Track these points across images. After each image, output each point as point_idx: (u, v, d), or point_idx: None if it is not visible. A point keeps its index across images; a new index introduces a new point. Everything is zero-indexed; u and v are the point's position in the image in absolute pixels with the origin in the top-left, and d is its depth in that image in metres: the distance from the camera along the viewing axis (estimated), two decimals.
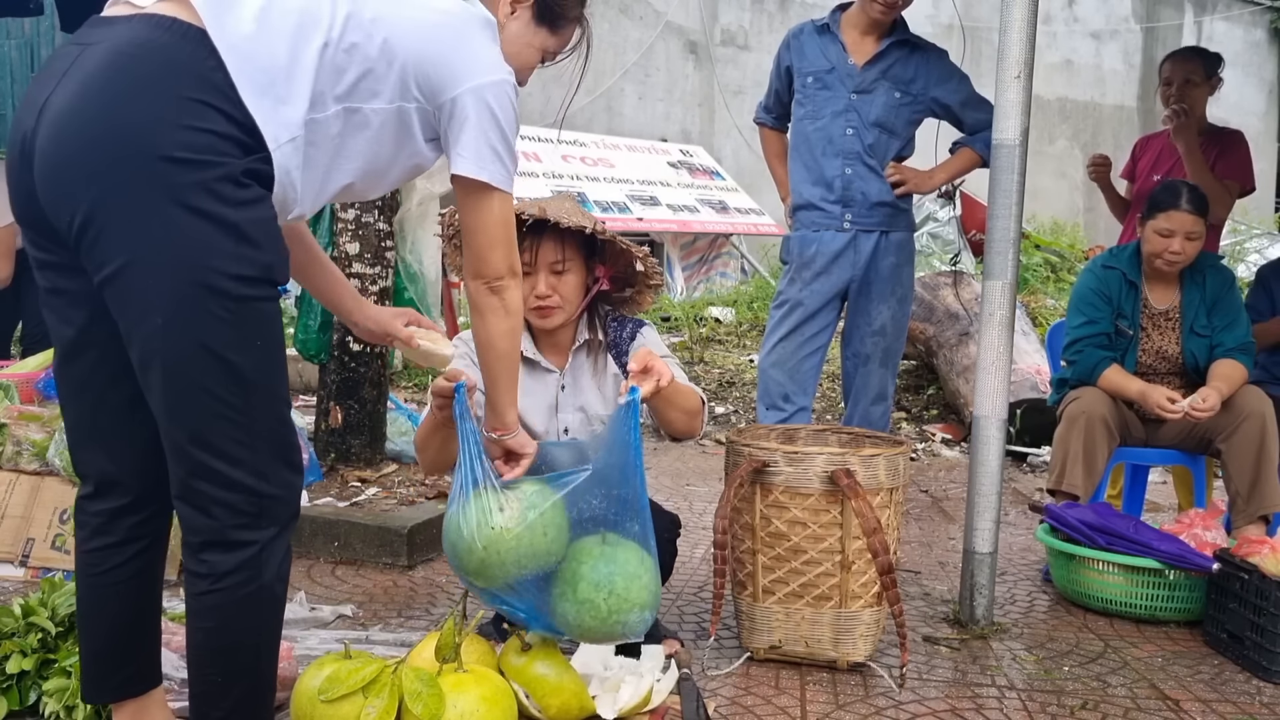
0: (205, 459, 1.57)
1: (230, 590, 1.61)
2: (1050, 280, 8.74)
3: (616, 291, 2.61)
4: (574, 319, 2.51)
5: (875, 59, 3.51)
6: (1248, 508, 3.15)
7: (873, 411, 3.61)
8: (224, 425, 1.57)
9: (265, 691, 1.73)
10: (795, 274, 3.61)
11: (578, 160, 10.48)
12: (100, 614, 1.78)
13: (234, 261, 1.54)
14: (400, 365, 7.09)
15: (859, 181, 3.50)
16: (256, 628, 1.67)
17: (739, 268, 11.68)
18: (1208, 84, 3.90)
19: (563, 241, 2.41)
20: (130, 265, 1.51)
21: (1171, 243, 3.30)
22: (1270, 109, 17.79)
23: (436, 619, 2.86)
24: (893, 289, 3.56)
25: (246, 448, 1.59)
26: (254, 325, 1.59)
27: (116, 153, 1.49)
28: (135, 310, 1.53)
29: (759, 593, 2.56)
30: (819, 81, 3.55)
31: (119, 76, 1.51)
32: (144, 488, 1.75)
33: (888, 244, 3.54)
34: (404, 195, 3.82)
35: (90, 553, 1.76)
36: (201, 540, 1.61)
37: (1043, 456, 5.15)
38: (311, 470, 3.70)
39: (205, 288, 1.52)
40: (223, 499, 1.59)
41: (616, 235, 2.47)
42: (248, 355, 1.58)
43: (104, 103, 1.51)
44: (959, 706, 2.40)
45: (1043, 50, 4.35)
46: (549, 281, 2.41)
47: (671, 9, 12.56)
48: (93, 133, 1.50)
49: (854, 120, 3.50)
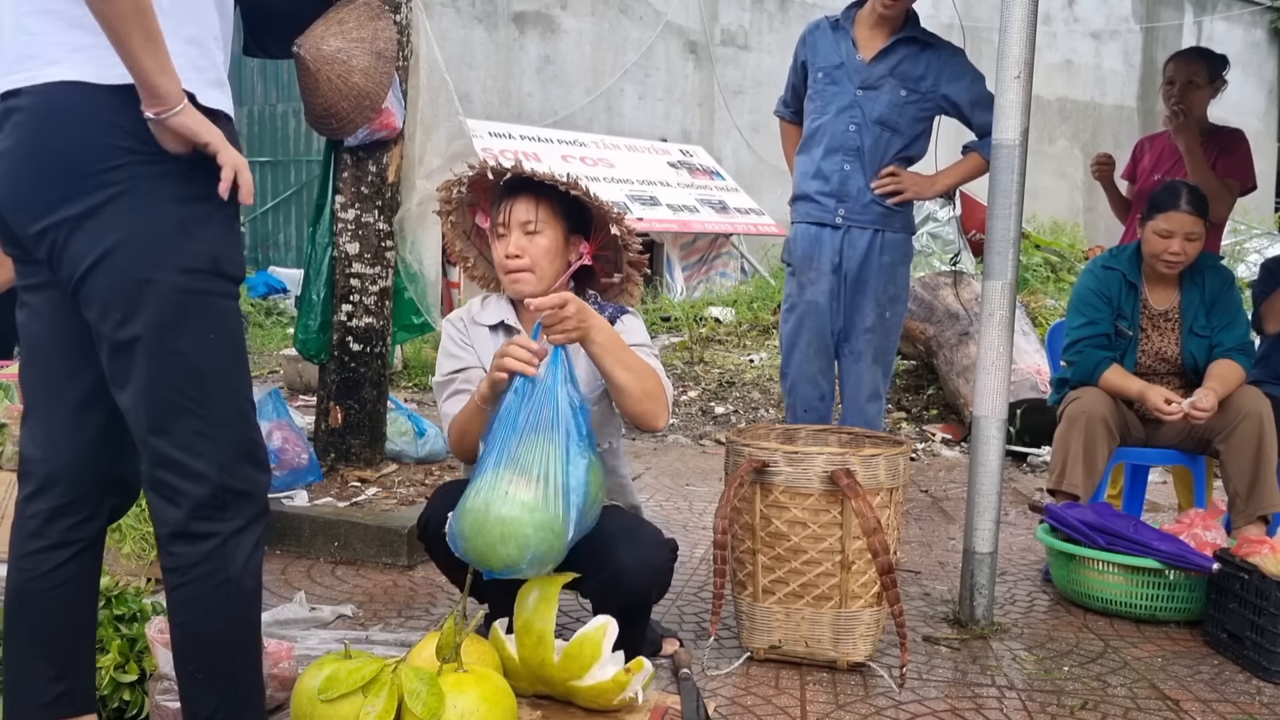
0: (167, 450, 1.62)
1: (198, 582, 1.63)
2: (1050, 280, 8.74)
3: (605, 277, 2.59)
4: (553, 291, 2.45)
5: (882, 55, 3.48)
6: (1247, 508, 3.15)
7: (868, 409, 3.59)
8: (185, 418, 1.61)
9: (250, 691, 1.73)
10: (796, 274, 3.61)
11: (578, 160, 10.49)
12: (33, 623, 1.76)
13: (182, 256, 1.59)
14: (400, 365, 7.09)
15: (855, 178, 3.49)
16: (228, 622, 1.67)
17: (739, 268, 11.68)
18: (1210, 86, 3.89)
19: (537, 202, 2.39)
20: (96, 263, 1.57)
21: (1171, 243, 3.30)
22: (1270, 109, 17.80)
23: (436, 619, 2.86)
24: (885, 287, 3.53)
25: (207, 439, 1.63)
26: (205, 318, 1.63)
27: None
28: (98, 308, 1.59)
29: (759, 593, 2.56)
30: (828, 77, 3.53)
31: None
32: (84, 488, 1.77)
33: (883, 242, 3.52)
34: (404, 195, 3.82)
35: (26, 557, 1.75)
36: (169, 532, 1.64)
37: (1043, 456, 5.15)
38: (311, 470, 3.70)
39: (156, 282, 1.58)
40: (186, 489, 1.62)
41: (593, 195, 2.43)
42: (200, 347, 1.62)
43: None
44: (959, 706, 2.40)
45: (1043, 50, 4.34)
46: (519, 243, 2.39)
47: (671, 9, 12.57)
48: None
49: (857, 116, 3.48)
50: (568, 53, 11.98)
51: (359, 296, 3.76)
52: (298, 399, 5.92)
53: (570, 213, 2.45)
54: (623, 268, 2.56)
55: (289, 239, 12.12)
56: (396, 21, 3.65)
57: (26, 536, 1.75)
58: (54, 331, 1.72)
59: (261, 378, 7.04)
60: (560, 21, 11.93)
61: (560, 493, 2.08)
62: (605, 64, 12.24)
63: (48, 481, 1.75)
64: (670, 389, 2.42)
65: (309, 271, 3.80)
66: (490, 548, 2.06)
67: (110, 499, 1.81)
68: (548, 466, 2.09)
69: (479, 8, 11.38)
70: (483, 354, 2.50)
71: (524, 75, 11.72)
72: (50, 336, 1.72)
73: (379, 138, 3.67)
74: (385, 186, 3.76)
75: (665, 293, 10.43)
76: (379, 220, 3.76)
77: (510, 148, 10.00)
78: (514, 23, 11.65)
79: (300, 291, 3.90)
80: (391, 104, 3.62)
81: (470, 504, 2.10)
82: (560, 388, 2.15)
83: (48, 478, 1.75)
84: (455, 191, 2.54)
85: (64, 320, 1.70)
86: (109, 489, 1.80)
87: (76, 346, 1.70)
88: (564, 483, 2.09)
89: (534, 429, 2.12)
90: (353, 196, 3.73)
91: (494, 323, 2.53)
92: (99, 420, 1.74)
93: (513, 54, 11.64)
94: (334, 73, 3.45)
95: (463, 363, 2.51)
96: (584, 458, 2.13)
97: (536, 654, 2.16)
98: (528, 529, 2.04)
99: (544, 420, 2.12)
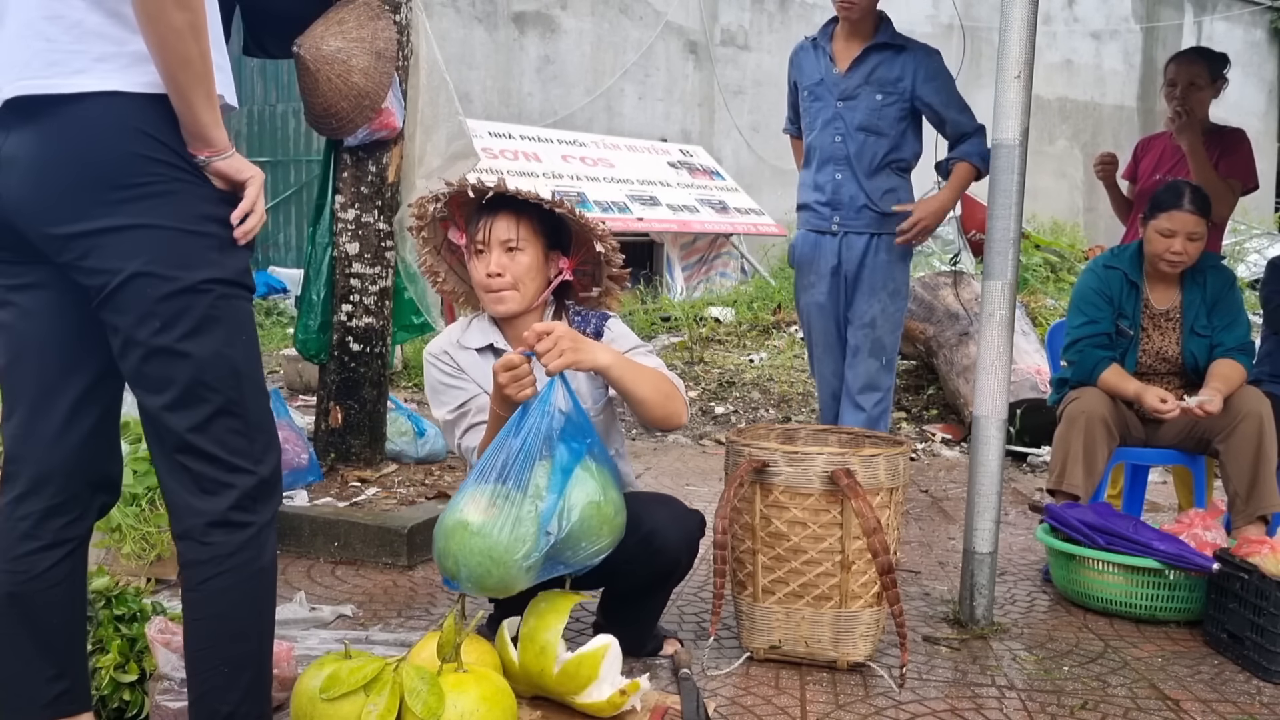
0: (207, 446, 1.65)
1: (235, 571, 1.66)
2: (1050, 280, 8.74)
3: (584, 290, 2.59)
4: (534, 308, 2.47)
5: (856, 64, 3.65)
6: (1246, 508, 3.15)
7: (862, 400, 3.68)
8: (225, 417, 1.66)
9: (268, 682, 1.76)
10: (801, 277, 3.78)
11: (578, 160, 10.48)
12: (30, 624, 1.76)
13: (216, 267, 1.65)
14: (400, 365, 7.09)
15: (847, 186, 3.66)
16: (260, 609, 1.72)
17: (739, 268, 11.67)
18: (1212, 87, 3.90)
19: (518, 220, 2.39)
20: (136, 274, 1.59)
21: (1173, 243, 3.30)
22: (1270, 109, 17.79)
23: (436, 619, 2.86)
24: (884, 283, 3.66)
25: (245, 436, 1.68)
26: (237, 322, 1.68)
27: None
28: (133, 316, 1.61)
29: (759, 593, 2.56)
30: (812, 94, 3.74)
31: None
32: (77, 487, 1.78)
33: (878, 244, 3.67)
34: (404, 195, 3.82)
35: (20, 559, 1.75)
36: (207, 522, 1.66)
37: (1043, 456, 5.15)
38: (311, 470, 3.70)
39: (196, 291, 1.62)
40: (230, 481, 1.66)
41: (576, 211, 2.43)
42: (236, 349, 1.67)
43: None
44: (959, 706, 2.40)
45: (1043, 50, 4.35)
46: (500, 261, 2.39)
47: (671, 9, 12.56)
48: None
49: (840, 127, 3.66)
50: (568, 53, 11.98)
51: (359, 296, 3.76)
52: (298, 399, 5.92)
53: (548, 229, 2.45)
54: (602, 282, 2.56)
55: (289, 239, 12.11)
56: (396, 21, 3.65)
57: (19, 538, 1.75)
58: (47, 331, 1.72)
59: None
60: (560, 21, 11.92)
61: (519, 520, 2.05)
62: (605, 64, 12.23)
63: (39, 482, 1.75)
64: (679, 382, 2.44)
65: (309, 271, 3.81)
66: (439, 555, 2.13)
67: (100, 497, 1.82)
68: (510, 493, 2.07)
69: (479, 8, 11.38)
70: (479, 377, 2.47)
71: (524, 75, 11.71)
72: (43, 336, 1.72)
73: (379, 138, 3.67)
74: (385, 186, 3.76)
75: (665, 293, 10.42)
76: (379, 220, 3.76)
77: (510, 148, 9.99)
78: (514, 23, 11.64)
79: (300, 291, 3.90)
80: (391, 104, 3.62)
81: (444, 509, 2.17)
82: (548, 415, 2.14)
83: (38, 478, 1.75)
84: (432, 208, 2.50)
85: (59, 320, 1.70)
86: (99, 487, 1.81)
87: (72, 346, 1.71)
88: (536, 510, 2.06)
89: (516, 453, 2.12)
90: (353, 196, 3.73)
91: (481, 346, 2.51)
92: (92, 419, 1.76)
93: (513, 54, 11.64)
94: (334, 73, 3.45)
95: (464, 395, 2.48)
96: (581, 485, 2.11)
97: (537, 663, 2.17)
98: (464, 548, 2.07)
99: (529, 448, 2.12)
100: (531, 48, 11.76)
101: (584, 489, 2.11)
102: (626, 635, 2.41)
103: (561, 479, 2.10)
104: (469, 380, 2.49)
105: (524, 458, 2.10)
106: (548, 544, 2.06)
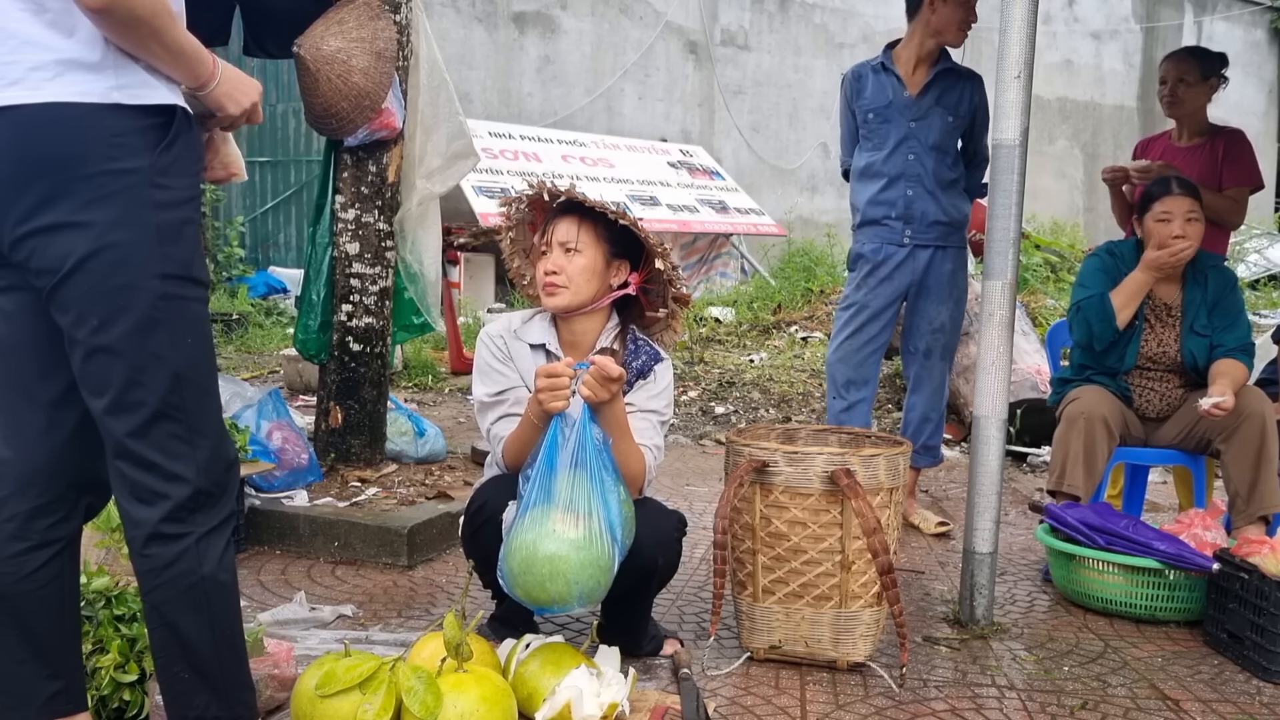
0: (145, 453, 1.64)
1: (173, 583, 1.65)
2: (1050, 280, 8.74)
3: (650, 310, 2.64)
4: (592, 311, 2.52)
5: (927, 88, 3.86)
6: (1247, 508, 3.15)
7: (936, 400, 3.96)
8: (164, 422, 1.64)
9: (242, 685, 1.74)
10: (861, 280, 3.93)
11: (578, 160, 10.48)
12: (22, 625, 1.76)
13: (160, 262, 1.62)
14: (400, 365, 7.09)
15: (919, 202, 3.84)
16: (211, 618, 1.69)
17: (739, 268, 11.67)
18: (1205, 84, 3.94)
19: (579, 224, 2.48)
20: (74, 269, 1.58)
21: (1173, 226, 3.31)
22: (1270, 109, 17.80)
23: (436, 619, 2.86)
24: (950, 291, 3.91)
25: (185, 443, 1.66)
26: (182, 323, 1.66)
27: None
28: (74, 313, 1.60)
29: (759, 593, 2.56)
30: (880, 116, 3.90)
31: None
32: (61, 487, 1.78)
33: (943, 255, 3.90)
34: (404, 195, 3.82)
35: (8, 560, 1.75)
36: (145, 534, 1.65)
37: (1043, 456, 5.15)
38: (311, 470, 3.70)
39: (135, 288, 1.60)
40: (165, 491, 1.64)
41: (641, 228, 2.50)
42: (178, 351, 1.65)
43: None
44: (959, 706, 2.40)
45: (1043, 50, 4.36)
46: (557, 260, 2.48)
47: (671, 9, 12.56)
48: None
49: (914, 147, 3.85)
50: (568, 53, 11.98)
51: (359, 296, 3.76)
52: (298, 399, 5.92)
53: (616, 238, 2.51)
54: (668, 303, 2.62)
55: (289, 239, 12.11)
56: (396, 21, 3.65)
57: (6, 539, 1.75)
58: (25, 332, 1.71)
59: (261, 377, 7.04)
60: (560, 21, 11.93)
61: (605, 528, 2.16)
62: (605, 64, 12.23)
63: (24, 483, 1.75)
64: (655, 466, 2.50)
65: (309, 271, 3.81)
66: (540, 585, 2.12)
67: (86, 497, 1.82)
68: (590, 504, 2.16)
69: (479, 8, 11.38)
70: (524, 370, 2.54)
71: (524, 75, 11.72)
72: (21, 337, 1.72)
73: (379, 138, 3.67)
74: (385, 186, 3.76)
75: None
76: (379, 220, 3.76)
77: (510, 148, 9.99)
78: (514, 23, 11.65)
79: (300, 291, 3.90)
80: (391, 104, 3.62)
81: (518, 542, 2.14)
82: (589, 426, 2.23)
83: (23, 479, 1.75)
84: (515, 209, 2.61)
85: (36, 321, 1.69)
86: (84, 487, 1.80)
87: (49, 347, 1.71)
88: (606, 518, 2.16)
89: (571, 467, 2.18)
90: (353, 196, 3.73)
91: (536, 343, 2.57)
92: (74, 420, 1.75)
93: (513, 54, 11.64)
94: (334, 73, 3.45)
95: (506, 382, 2.53)
96: (615, 492, 2.21)
97: (522, 694, 2.14)
98: (575, 566, 2.10)
99: (580, 459, 2.19)
100: (531, 48, 11.76)
101: (619, 492, 2.22)
102: (623, 636, 2.48)
103: (604, 489, 2.19)
104: (514, 368, 2.55)
105: (577, 474, 2.18)
106: (619, 550, 2.18)
